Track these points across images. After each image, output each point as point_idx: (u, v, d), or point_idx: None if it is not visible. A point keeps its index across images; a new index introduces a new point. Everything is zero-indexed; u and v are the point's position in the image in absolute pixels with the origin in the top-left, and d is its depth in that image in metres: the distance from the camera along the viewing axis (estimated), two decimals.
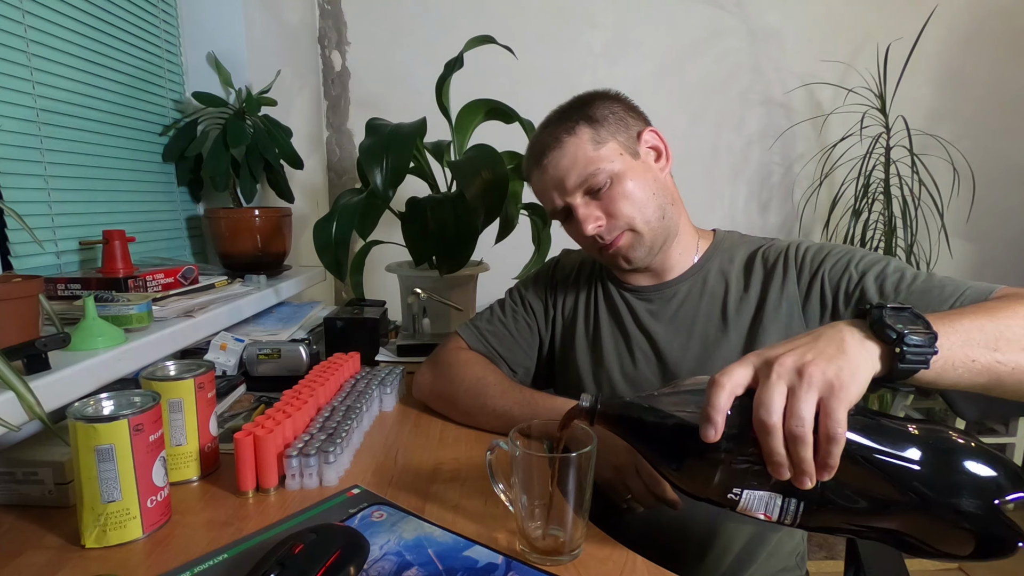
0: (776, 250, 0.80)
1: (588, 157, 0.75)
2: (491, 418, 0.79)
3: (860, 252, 0.74)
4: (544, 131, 0.79)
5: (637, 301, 0.84)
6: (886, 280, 0.69)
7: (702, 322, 0.79)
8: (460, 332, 0.92)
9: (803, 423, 0.40)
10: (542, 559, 0.51)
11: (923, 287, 0.66)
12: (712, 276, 0.82)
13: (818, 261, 0.75)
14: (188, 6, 1.30)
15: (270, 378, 0.97)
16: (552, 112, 0.82)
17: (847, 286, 0.71)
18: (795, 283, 0.76)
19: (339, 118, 2.02)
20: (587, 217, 0.76)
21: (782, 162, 2.18)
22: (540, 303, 0.92)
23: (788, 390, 0.41)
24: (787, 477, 0.41)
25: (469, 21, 1.95)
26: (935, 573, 1.75)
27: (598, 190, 0.75)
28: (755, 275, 0.79)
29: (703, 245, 0.84)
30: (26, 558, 0.51)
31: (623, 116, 0.78)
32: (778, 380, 0.41)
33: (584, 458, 0.50)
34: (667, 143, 0.81)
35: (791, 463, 0.41)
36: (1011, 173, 2.21)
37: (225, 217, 1.22)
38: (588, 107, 0.78)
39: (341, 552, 0.46)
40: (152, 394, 0.57)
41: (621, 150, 0.76)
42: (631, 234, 0.77)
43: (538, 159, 0.79)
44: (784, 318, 0.75)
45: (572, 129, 0.76)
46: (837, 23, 2.07)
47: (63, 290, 0.86)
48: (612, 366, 0.83)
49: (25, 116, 0.88)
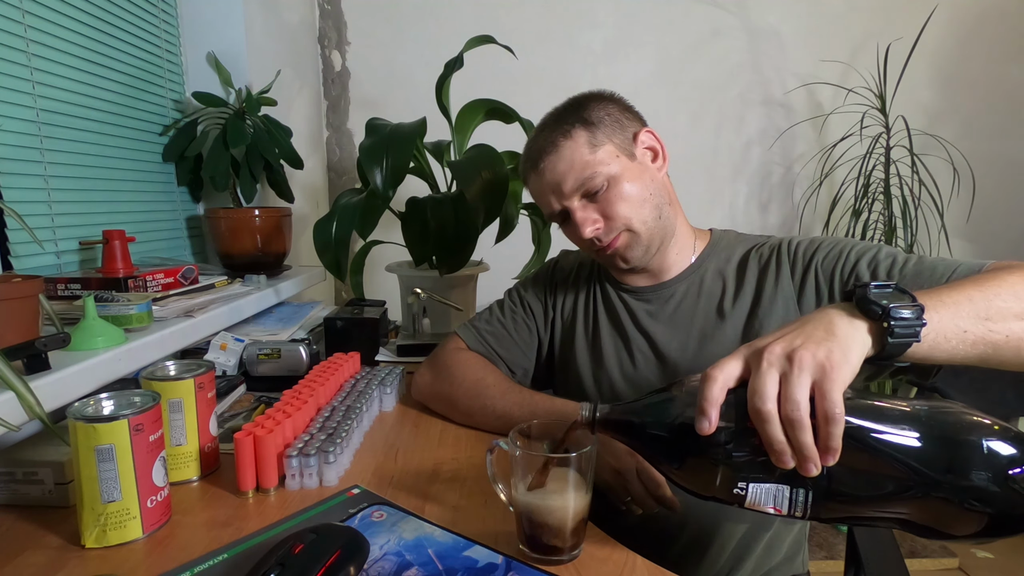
0: (769, 247, 0.80)
1: (584, 161, 0.75)
2: (491, 419, 0.79)
3: (851, 241, 0.75)
4: (540, 134, 0.79)
5: (635, 302, 0.84)
6: (879, 265, 0.69)
7: (700, 321, 0.79)
8: (459, 332, 0.92)
9: (798, 406, 0.40)
10: (542, 559, 0.51)
11: (915, 269, 0.66)
12: (709, 276, 0.82)
13: (810, 253, 0.76)
14: (188, 6, 1.30)
15: (270, 378, 0.97)
16: (547, 115, 0.81)
17: (841, 274, 0.72)
18: (788, 278, 0.76)
19: (339, 118, 2.02)
20: (585, 220, 0.76)
21: (782, 162, 2.18)
22: (539, 304, 0.92)
23: (780, 376, 0.41)
24: (791, 465, 0.41)
25: (469, 21, 1.95)
26: (935, 573, 1.75)
27: (595, 193, 0.75)
28: (749, 272, 0.79)
29: (700, 245, 0.85)
30: (26, 558, 0.51)
31: (619, 117, 0.78)
32: (769, 368, 0.41)
33: (584, 458, 0.50)
34: (663, 143, 0.81)
35: (793, 450, 0.40)
36: (1011, 173, 2.21)
37: (225, 217, 1.22)
38: (583, 109, 0.77)
39: (341, 552, 0.46)
40: (152, 394, 0.57)
41: (617, 152, 0.76)
42: (628, 234, 0.77)
43: (535, 163, 0.78)
44: (780, 312, 0.75)
45: (568, 132, 0.76)
46: (837, 23, 2.07)
47: (63, 290, 0.86)
48: (612, 367, 0.83)
49: (25, 116, 0.88)
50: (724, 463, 0.44)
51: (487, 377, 0.83)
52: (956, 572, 1.75)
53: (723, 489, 0.44)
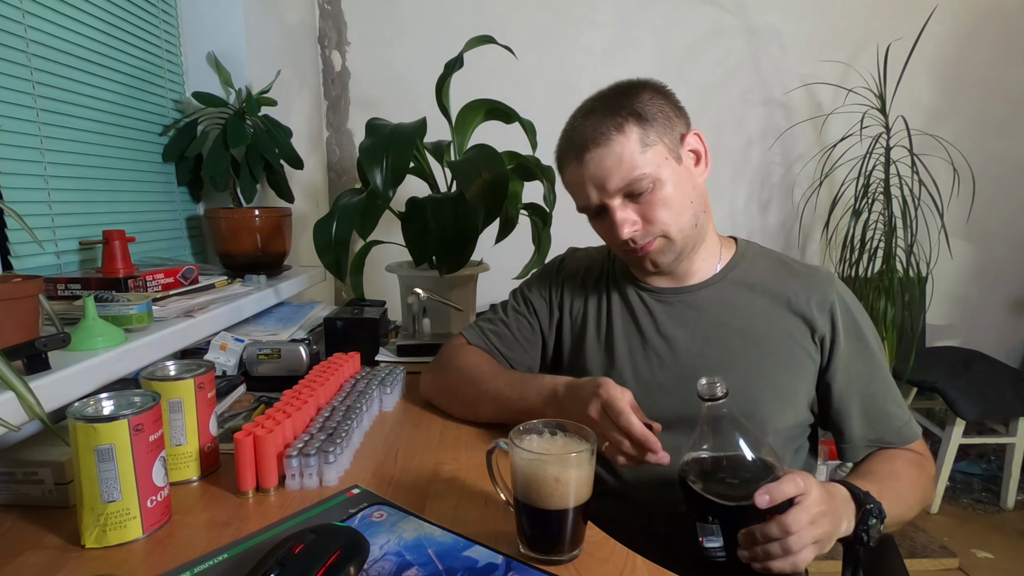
0: (820, 296, 0.77)
1: (634, 160, 0.71)
2: (487, 401, 0.80)
3: (885, 378, 0.78)
4: (587, 121, 0.74)
5: (655, 303, 0.82)
6: (869, 414, 0.77)
7: (722, 331, 0.78)
8: (463, 331, 0.93)
9: (794, 551, 0.53)
10: (542, 559, 0.51)
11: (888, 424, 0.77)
12: (734, 286, 0.80)
13: (843, 344, 0.76)
14: (188, 6, 1.31)
15: (270, 378, 0.97)
16: (594, 99, 0.76)
17: (840, 384, 0.76)
18: (812, 344, 0.77)
19: (339, 118, 2.02)
20: (624, 221, 0.73)
21: (782, 162, 2.18)
22: (544, 302, 0.91)
23: (806, 526, 0.54)
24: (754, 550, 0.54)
25: (469, 21, 1.95)
26: (935, 573, 1.75)
27: (639, 194, 0.73)
28: (789, 304, 0.78)
29: (726, 254, 0.83)
30: (26, 558, 0.51)
31: (670, 115, 0.75)
32: (808, 532, 0.54)
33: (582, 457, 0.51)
34: (707, 147, 0.78)
35: (757, 541, 0.54)
36: (1011, 173, 2.21)
37: (225, 217, 1.22)
38: (636, 100, 0.73)
39: (341, 552, 0.46)
40: (152, 394, 0.57)
41: (667, 154, 0.73)
42: (663, 240, 0.75)
43: (579, 152, 0.74)
44: (794, 356, 0.76)
45: (621, 126, 0.71)
46: (837, 23, 2.07)
47: (63, 290, 0.86)
48: (624, 368, 0.81)
49: (25, 116, 0.88)
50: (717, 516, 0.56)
51: (483, 364, 0.84)
52: (956, 572, 1.75)
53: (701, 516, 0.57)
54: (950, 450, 1.99)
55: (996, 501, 2.09)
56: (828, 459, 1.91)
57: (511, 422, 0.73)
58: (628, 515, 0.75)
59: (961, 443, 2.01)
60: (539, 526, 0.52)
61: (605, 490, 0.76)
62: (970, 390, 1.93)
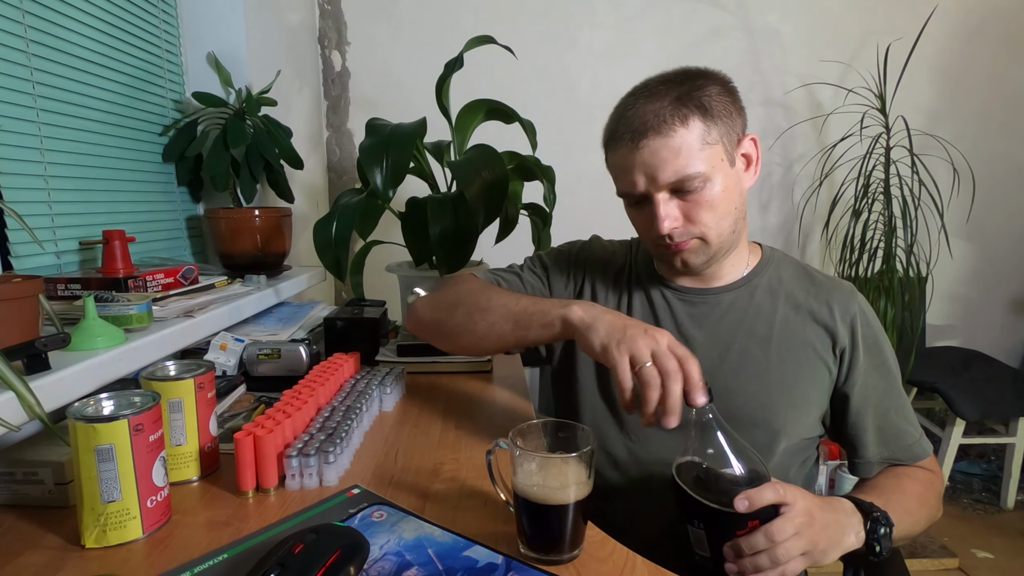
0: (843, 308, 0.76)
1: (691, 157, 0.68)
2: (478, 320, 0.76)
3: (900, 394, 0.77)
4: (648, 105, 0.69)
5: (678, 302, 0.81)
6: (884, 431, 0.76)
7: (743, 336, 0.76)
8: (473, 272, 0.89)
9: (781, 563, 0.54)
10: (542, 559, 0.51)
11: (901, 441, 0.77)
12: (760, 292, 0.79)
13: (863, 365, 0.75)
14: (188, 6, 1.31)
15: (270, 378, 0.97)
16: (659, 82, 0.72)
17: (858, 398, 0.76)
18: (833, 358, 0.76)
19: (339, 118, 2.02)
20: (666, 216, 0.70)
21: (782, 162, 2.18)
22: (561, 277, 0.88)
23: (796, 536, 0.55)
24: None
25: (469, 21, 1.95)
26: (935, 573, 1.75)
27: (688, 192, 0.70)
28: (812, 314, 0.77)
29: (753, 259, 0.82)
30: (26, 558, 0.51)
31: (733, 115, 0.72)
32: (793, 543, 0.54)
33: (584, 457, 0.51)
34: (760, 154, 0.77)
35: (744, 553, 0.54)
36: (1011, 173, 2.21)
37: (225, 217, 1.22)
38: (701, 91, 0.69)
39: (341, 552, 0.46)
40: (152, 394, 0.57)
41: (723, 155, 0.70)
42: (699, 242, 0.73)
43: (635, 136, 0.69)
44: (812, 366, 0.75)
45: (686, 119, 0.68)
46: (837, 23, 2.07)
47: (63, 290, 0.86)
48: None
49: (25, 116, 0.88)
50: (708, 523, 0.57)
51: (478, 285, 0.81)
52: (956, 572, 1.75)
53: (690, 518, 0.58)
54: (950, 450, 1.99)
55: (996, 501, 2.09)
56: (828, 459, 1.91)
57: (515, 344, 0.74)
58: (628, 515, 0.75)
59: (961, 443, 2.01)
60: (539, 526, 0.52)
61: (605, 490, 0.76)
62: (970, 390, 1.93)
